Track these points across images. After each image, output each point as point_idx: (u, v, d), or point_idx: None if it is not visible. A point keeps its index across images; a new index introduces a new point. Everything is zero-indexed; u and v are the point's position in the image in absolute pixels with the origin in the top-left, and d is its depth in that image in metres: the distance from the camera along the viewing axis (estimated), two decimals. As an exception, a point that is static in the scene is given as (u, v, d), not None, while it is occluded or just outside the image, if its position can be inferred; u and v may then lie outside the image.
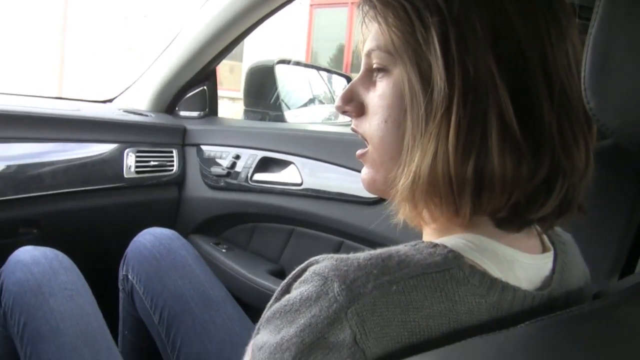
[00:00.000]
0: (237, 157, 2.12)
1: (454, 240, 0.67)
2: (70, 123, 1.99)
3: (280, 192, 1.99)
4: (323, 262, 0.64)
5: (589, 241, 1.18)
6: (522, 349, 0.57)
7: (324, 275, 0.61)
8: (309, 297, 0.61)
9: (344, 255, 0.64)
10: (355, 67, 10.50)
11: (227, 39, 2.16)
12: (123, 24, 11.46)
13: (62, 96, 2.56)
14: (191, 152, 2.27)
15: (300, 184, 1.92)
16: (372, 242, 1.72)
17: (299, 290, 0.63)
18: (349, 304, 0.58)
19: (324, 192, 1.84)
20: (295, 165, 1.96)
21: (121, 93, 2.49)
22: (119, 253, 1.65)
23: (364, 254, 0.63)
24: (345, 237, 1.85)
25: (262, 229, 2.14)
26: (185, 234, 2.20)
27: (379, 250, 0.64)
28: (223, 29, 2.10)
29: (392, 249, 0.65)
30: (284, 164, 2.00)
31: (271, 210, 2.04)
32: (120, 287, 1.63)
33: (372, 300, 0.59)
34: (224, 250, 2.15)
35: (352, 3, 10.26)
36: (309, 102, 2.67)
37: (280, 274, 1.98)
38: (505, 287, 0.64)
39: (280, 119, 2.50)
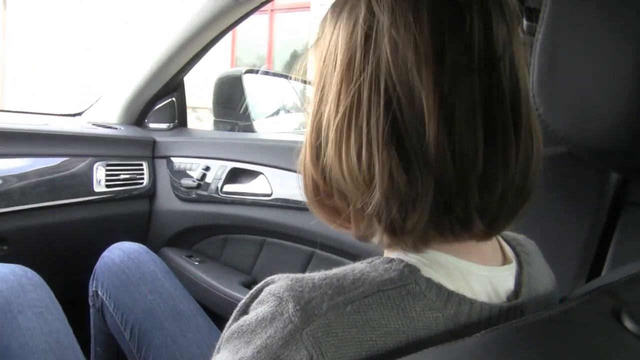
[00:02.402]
0: (207, 168, 2.11)
1: (409, 255, 0.67)
2: (38, 138, 1.98)
3: (251, 203, 1.98)
4: (279, 282, 0.63)
5: (556, 246, 1.19)
6: (477, 358, 0.58)
7: (279, 296, 0.61)
8: (264, 318, 0.61)
9: (299, 275, 0.63)
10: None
11: (193, 49, 2.17)
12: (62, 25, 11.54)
13: (28, 110, 2.53)
14: (161, 164, 2.26)
15: (270, 195, 1.92)
16: (342, 252, 1.73)
17: (255, 311, 0.63)
18: (303, 325, 0.58)
19: (294, 201, 1.85)
20: (265, 176, 1.96)
21: (90, 106, 2.48)
22: (90, 268, 1.64)
23: (319, 274, 0.63)
24: (316, 246, 1.85)
25: (234, 241, 2.14)
26: (157, 247, 2.20)
27: (334, 270, 0.64)
28: (189, 39, 2.11)
29: (348, 267, 0.65)
30: (254, 174, 2.00)
31: (242, 222, 2.04)
32: (91, 304, 1.62)
33: (327, 321, 0.58)
34: (196, 263, 2.14)
35: (272, 10, 10.37)
36: (279, 111, 2.67)
37: (252, 286, 1.98)
38: (462, 299, 0.64)
39: (250, 129, 2.50)
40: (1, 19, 12.18)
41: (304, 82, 3.02)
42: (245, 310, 0.67)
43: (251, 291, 0.68)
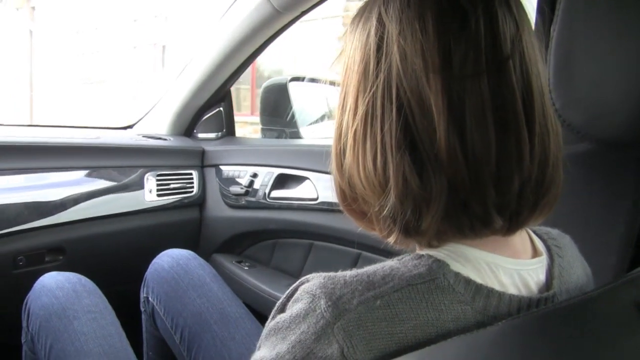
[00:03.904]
0: (255, 175, 2.15)
1: (437, 251, 0.68)
2: (91, 151, 2.05)
3: (298, 208, 2.02)
4: (312, 281, 0.66)
5: (595, 240, 1.19)
6: (496, 345, 0.59)
7: (312, 293, 0.64)
8: (298, 315, 0.64)
9: (332, 273, 0.66)
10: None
11: (239, 59, 2.21)
12: (80, 59, 12.09)
13: (83, 124, 2.62)
14: (210, 172, 2.31)
15: (316, 199, 1.95)
16: (389, 253, 1.74)
17: (291, 309, 0.66)
18: (335, 319, 0.61)
19: (339, 205, 1.86)
20: (311, 180, 1.99)
21: (141, 118, 2.54)
22: (143, 275, 1.69)
23: (351, 272, 0.66)
24: (363, 248, 1.86)
25: (282, 245, 2.17)
26: (208, 253, 2.24)
27: (366, 268, 0.66)
28: (234, 50, 2.15)
29: (379, 265, 0.67)
30: (300, 179, 2.03)
31: (290, 226, 2.07)
32: (142, 309, 1.67)
33: (358, 315, 0.61)
34: (246, 268, 2.18)
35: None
36: (325, 117, 2.69)
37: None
38: (490, 292, 0.65)
39: (297, 135, 2.52)
40: (28, 45, 12.89)
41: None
42: (282, 309, 0.70)
43: (288, 291, 0.71)
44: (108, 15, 11.81)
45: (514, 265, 0.70)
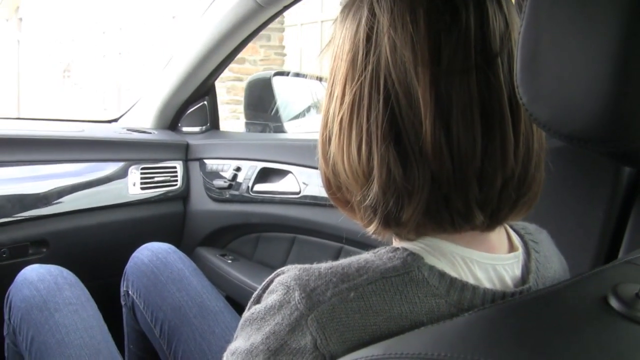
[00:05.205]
0: (238, 169, 2.16)
1: (413, 244, 0.69)
2: (75, 144, 2.05)
3: (280, 202, 2.02)
4: (288, 272, 0.67)
5: (572, 235, 1.20)
6: (462, 335, 0.59)
7: (287, 285, 0.65)
8: (273, 306, 0.65)
9: (307, 265, 0.67)
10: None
11: (222, 53, 2.21)
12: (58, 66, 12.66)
13: (67, 118, 2.62)
14: (194, 166, 2.32)
15: (299, 193, 1.96)
16: (370, 246, 1.74)
17: (266, 300, 0.67)
18: (308, 311, 0.62)
19: (321, 198, 1.87)
20: (293, 174, 1.99)
21: (125, 112, 2.54)
22: (126, 268, 1.70)
23: (326, 264, 0.67)
24: (345, 242, 1.87)
25: (265, 239, 2.18)
26: (192, 246, 2.25)
27: (341, 260, 0.67)
28: (218, 44, 2.15)
29: (354, 257, 0.68)
30: (283, 173, 2.04)
31: (273, 220, 2.08)
32: (123, 303, 1.67)
33: (331, 307, 0.62)
34: (229, 261, 2.18)
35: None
36: (309, 111, 2.70)
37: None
38: (464, 286, 0.66)
39: (280, 129, 2.53)
40: (16, 52, 13.38)
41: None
42: (258, 300, 0.71)
43: (264, 282, 0.71)
44: (81, 28, 12.20)
45: (489, 260, 0.70)
